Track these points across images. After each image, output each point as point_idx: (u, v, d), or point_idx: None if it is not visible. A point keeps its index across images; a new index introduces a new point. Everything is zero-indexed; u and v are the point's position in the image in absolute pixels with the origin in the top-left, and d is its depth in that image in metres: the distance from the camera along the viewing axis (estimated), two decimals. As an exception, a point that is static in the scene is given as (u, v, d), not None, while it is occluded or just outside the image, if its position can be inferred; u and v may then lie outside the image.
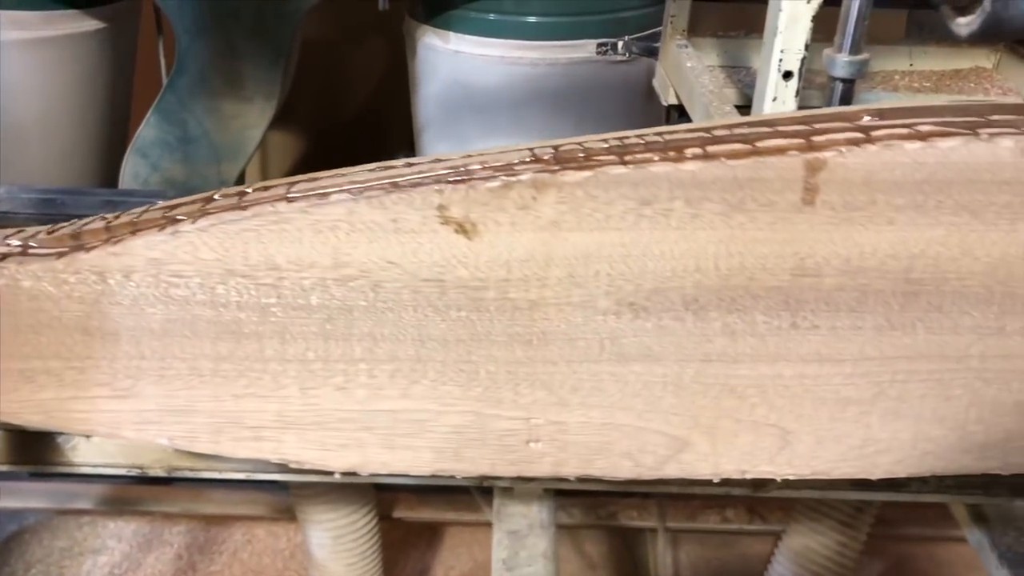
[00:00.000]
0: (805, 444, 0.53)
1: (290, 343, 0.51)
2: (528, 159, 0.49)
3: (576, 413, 0.53)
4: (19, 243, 0.50)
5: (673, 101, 1.21)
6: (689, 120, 1.08)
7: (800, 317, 0.51)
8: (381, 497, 1.13)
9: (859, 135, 0.49)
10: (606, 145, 0.50)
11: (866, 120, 0.50)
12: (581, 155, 0.49)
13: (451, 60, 1.55)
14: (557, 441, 0.53)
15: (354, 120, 2.07)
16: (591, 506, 1.42)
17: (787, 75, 0.82)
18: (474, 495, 1.36)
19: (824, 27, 0.83)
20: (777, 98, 0.83)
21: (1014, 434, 0.52)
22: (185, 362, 0.51)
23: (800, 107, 0.84)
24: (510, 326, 0.51)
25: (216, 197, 0.50)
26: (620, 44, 1.49)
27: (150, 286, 0.50)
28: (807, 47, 0.82)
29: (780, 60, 0.82)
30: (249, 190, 0.50)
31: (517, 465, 0.53)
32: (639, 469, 0.54)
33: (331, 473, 0.54)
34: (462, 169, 0.49)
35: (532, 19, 1.51)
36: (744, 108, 1.03)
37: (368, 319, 0.51)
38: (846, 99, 0.82)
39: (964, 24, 0.53)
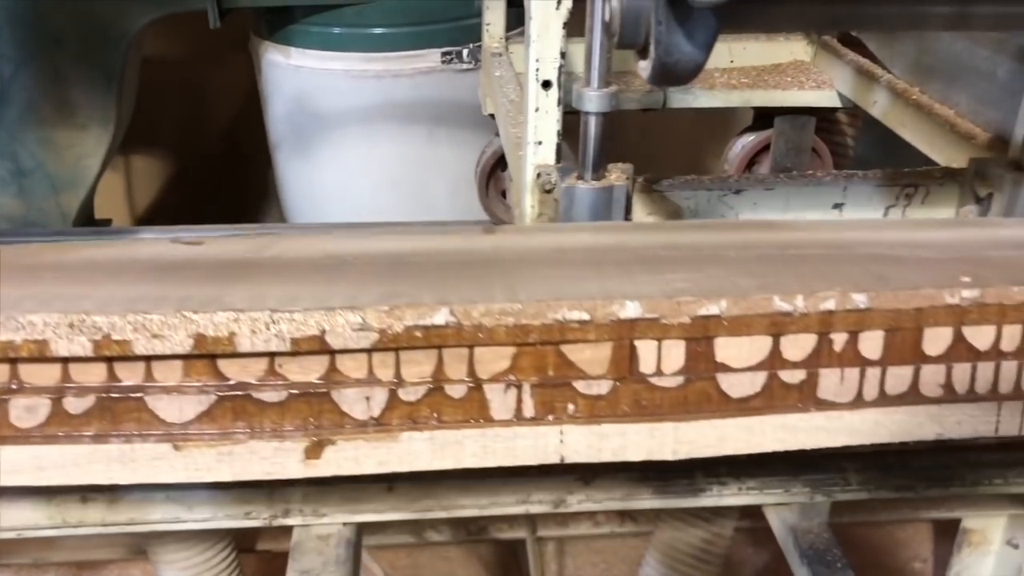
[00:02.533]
0: (533, 284, 0.52)
1: None
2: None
3: None
4: None
5: (491, 111, 1.29)
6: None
7: None
8: (241, 531, 1.18)
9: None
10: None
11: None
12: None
13: (294, 76, 1.63)
14: None
15: (218, 140, 2.14)
16: (460, 522, 1.51)
17: (546, 84, 0.83)
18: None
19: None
20: (539, 108, 0.84)
21: (784, 273, 0.52)
22: None
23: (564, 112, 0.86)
24: None
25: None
26: (465, 52, 1.59)
27: None
28: (563, 55, 0.82)
29: (537, 70, 0.83)
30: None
31: None
32: None
33: None
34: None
35: (376, 31, 1.60)
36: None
37: None
38: (599, 132, 0.81)
39: (643, 68, 0.60)
